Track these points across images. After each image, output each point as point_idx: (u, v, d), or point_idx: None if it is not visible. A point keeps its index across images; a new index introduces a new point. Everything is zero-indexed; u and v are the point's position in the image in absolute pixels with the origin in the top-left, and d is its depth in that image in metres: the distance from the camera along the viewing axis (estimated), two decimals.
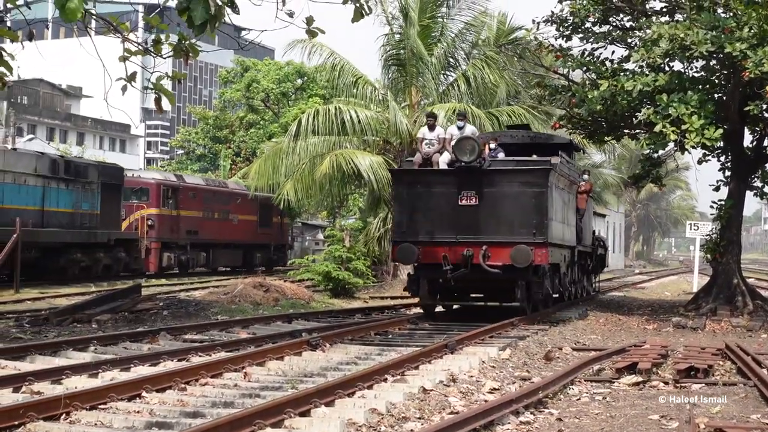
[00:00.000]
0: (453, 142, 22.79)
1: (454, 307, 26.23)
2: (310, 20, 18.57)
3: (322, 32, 19.57)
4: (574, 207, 27.45)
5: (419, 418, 11.11)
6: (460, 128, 23.55)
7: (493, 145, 24.66)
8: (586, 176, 31.47)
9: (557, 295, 26.92)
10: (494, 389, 13.35)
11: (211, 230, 48.64)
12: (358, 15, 18.33)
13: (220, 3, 14.61)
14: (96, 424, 10.31)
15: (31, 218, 33.52)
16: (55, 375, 12.97)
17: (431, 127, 23.86)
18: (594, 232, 34.70)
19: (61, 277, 35.75)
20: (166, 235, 44.97)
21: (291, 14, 17.81)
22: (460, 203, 22.57)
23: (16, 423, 9.89)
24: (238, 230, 51.25)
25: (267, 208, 48.82)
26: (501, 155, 24.39)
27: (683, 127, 22.83)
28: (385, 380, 13.25)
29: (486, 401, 12.12)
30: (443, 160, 23.20)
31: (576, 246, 28.31)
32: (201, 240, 48.08)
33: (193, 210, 47.27)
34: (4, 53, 16.53)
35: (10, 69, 16.56)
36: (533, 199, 22.42)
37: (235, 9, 15.07)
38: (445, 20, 38.23)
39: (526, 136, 27.50)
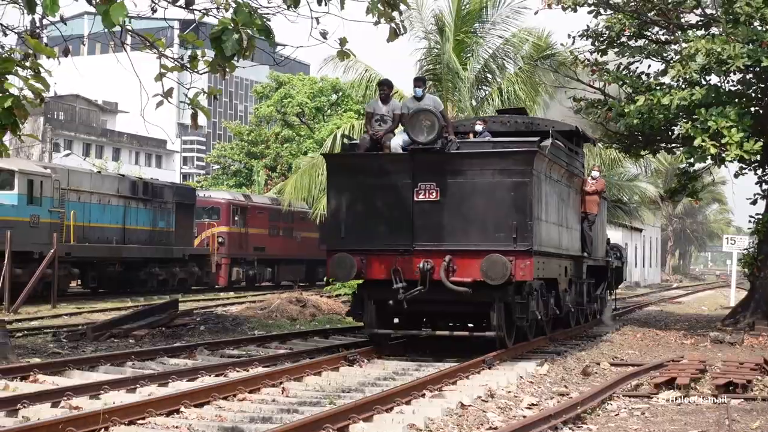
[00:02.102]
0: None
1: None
2: (343, 41, 18.67)
3: (354, 55, 19.73)
4: (576, 206, 22.89)
5: None
6: (417, 98, 18.28)
7: (479, 128, 20.70)
8: (596, 173, 25.03)
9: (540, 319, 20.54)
10: (532, 405, 13.32)
11: (277, 247, 51.33)
12: (393, 35, 18.42)
13: (251, 34, 14.76)
14: None
15: (115, 235, 36.70)
16: (93, 390, 13.04)
17: (385, 100, 18.74)
18: (608, 240, 29.35)
19: (141, 289, 38.50)
20: (235, 251, 47.76)
21: (324, 34, 17.98)
22: (416, 199, 17.59)
23: None
24: (302, 247, 53.51)
25: None
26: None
27: (722, 140, 22.71)
28: (423, 395, 13.25)
29: (524, 417, 12.10)
30: (397, 143, 18.17)
31: (582, 256, 23.55)
32: (267, 256, 50.77)
33: (260, 228, 50.14)
34: (41, 69, 16.68)
35: (47, 85, 16.67)
36: (512, 193, 17.37)
37: (271, 43, 15.18)
38: (479, 35, 38.17)
39: (520, 122, 22.69)
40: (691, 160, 25.05)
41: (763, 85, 25.07)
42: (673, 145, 27.93)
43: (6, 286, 28.03)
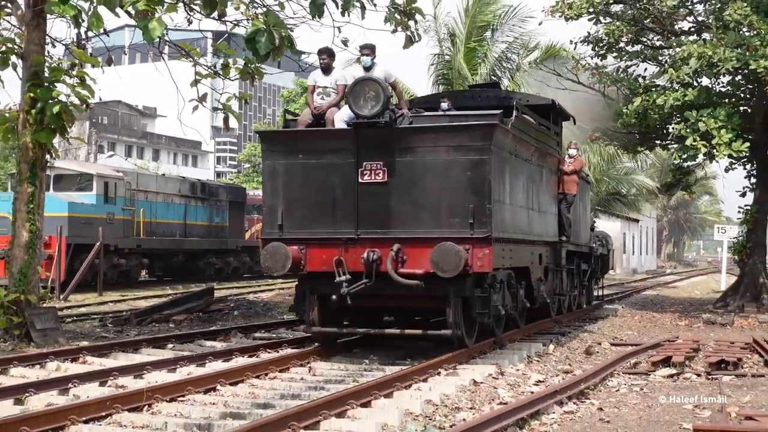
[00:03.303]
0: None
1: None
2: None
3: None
4: (551, 188, 19.42)
5: (471, 408, 11.11)
6: (366, 68, 14.99)
7: (445, 106, 17.45)
8: (573, 151, 21.60)
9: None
10: (539, 381, 13.32)
11: None
12: (409, 42, 18.52)
13: (283, 35, 14.83)
14: (176, 414, 10.39)
15: (177, 230, 38.38)
16: (137, 370, 13.11)
17: (326, 70, 15.39)
18: (593, 227, 26.35)
19: (200, 277, 39.89)
20: None
21: (345, 42, 18.09)
22: (361, 180, 14.28)
23: (104, 414, 10.01)
24: None
25: None
26: None
27: (713, 141, 22.71)
28: (439, 374, 13.26)
29: (532, 392, 12.09)
30: (341, 118, 14.81)
31: (560, 241, 20.23)
32: None
33: None
34: (86, 78, 16.76)
35: (92, 92, 16.80)
36: (469, 172, 14.01)
37: (293, 50, 15.26)
38: (489, 43, 38.18)
39: (492, 97, 19.28)
40: (684, 157, 25.00)
41: (751, 86, 24.98)
42: (668, 142, 27.87)
43: (58, 275, 28.28)
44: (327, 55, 15.41)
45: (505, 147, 15.07)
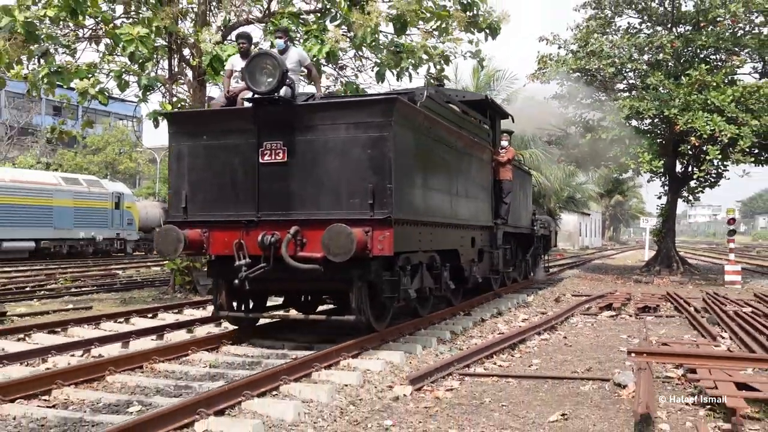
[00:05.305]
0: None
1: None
2: None
3: None
4: (483, 176, 13.73)
5: (480, 336, 11.15)
6: (280, 52, 9.92)
7: None
8: (504, 143, 15.84)
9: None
10: (525, 319, 13.30)
11: None
12: None
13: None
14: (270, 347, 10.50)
15: None
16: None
17: (244, 55, 10.14)
18: (534, 212, 20.39)
19: None
20: None
21: None
22: (261, 161, 9.37)
23: (245, 339, 10.17)
24: None
25: None
26: None
27: (639, 160, 22.74)
28: (460, 314, 13.25)
29: (520, 327, 12.08)
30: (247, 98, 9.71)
31: (496, 225, 14.93)
32: None
33: None
34: None
35: None
36: (369, 150, 8.92)
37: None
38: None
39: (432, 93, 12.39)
40: (619, 171, 24.93)
41: (664, 126, 24.87)
42: (608, 162, 27.88)
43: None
44: (246, 40, 10.28)
45: (415, 126, 9.79)
